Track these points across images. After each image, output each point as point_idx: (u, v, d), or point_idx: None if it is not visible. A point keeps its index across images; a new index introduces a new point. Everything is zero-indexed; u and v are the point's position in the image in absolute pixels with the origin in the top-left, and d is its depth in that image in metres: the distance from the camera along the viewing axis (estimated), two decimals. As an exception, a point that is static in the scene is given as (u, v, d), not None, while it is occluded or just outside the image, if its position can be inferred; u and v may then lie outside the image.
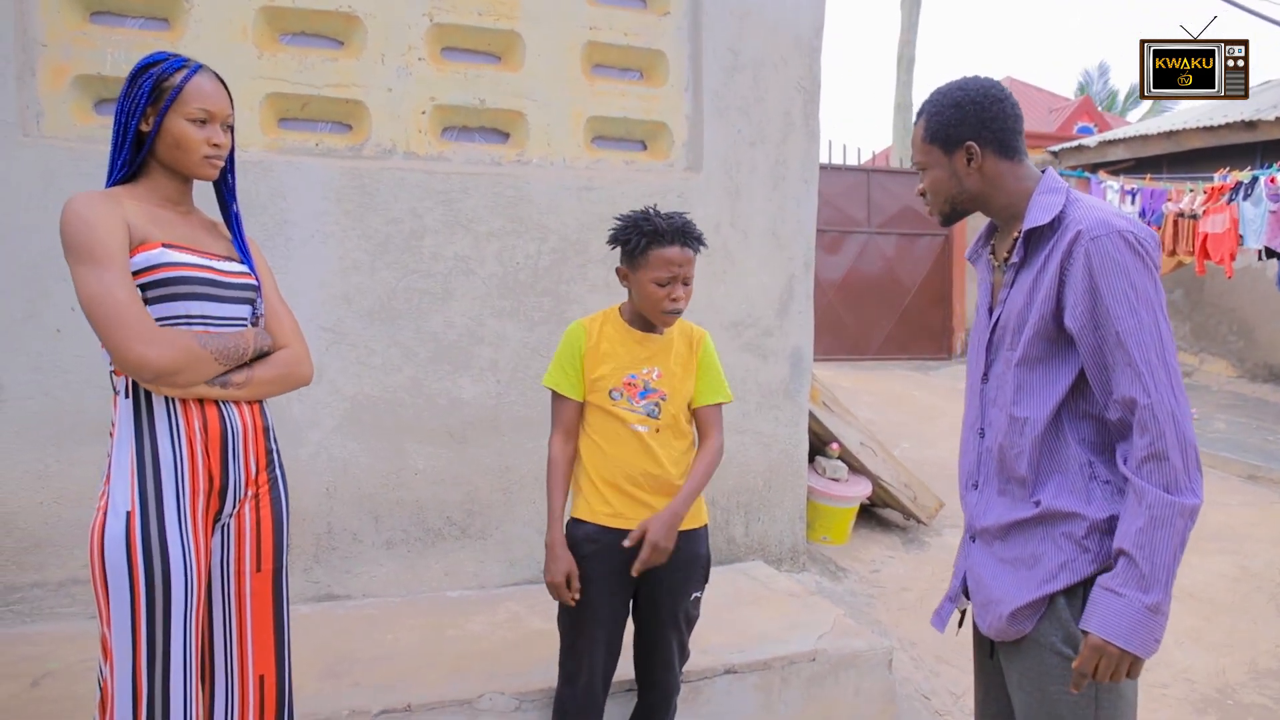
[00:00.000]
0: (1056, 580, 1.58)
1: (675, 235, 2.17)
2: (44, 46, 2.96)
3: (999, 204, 1.71)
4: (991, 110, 1.65)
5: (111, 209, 1.73)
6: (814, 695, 2.84)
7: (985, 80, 1.68)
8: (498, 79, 3.47)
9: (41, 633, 2.85)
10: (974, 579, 1.74)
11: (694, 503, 2.27)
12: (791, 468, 3.91)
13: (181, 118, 1.79)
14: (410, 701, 2.44)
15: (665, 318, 2.22)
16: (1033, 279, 1.62)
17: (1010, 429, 1.65)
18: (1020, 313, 1.64)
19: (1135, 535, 1.46)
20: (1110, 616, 1.47)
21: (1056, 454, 1.61)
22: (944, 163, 1.69)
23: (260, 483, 1.89)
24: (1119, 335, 1.49)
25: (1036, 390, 1.62)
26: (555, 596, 2.22)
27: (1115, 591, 1.47)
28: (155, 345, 1.67)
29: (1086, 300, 1.52)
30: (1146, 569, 1.45)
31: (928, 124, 1.70)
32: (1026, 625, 1.61)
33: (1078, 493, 1.58)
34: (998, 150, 1.67)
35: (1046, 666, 1.59)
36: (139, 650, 1.69)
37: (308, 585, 3.21)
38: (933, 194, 1.74)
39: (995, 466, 1.70)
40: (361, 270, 3.24)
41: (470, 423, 3.39)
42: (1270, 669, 3.47)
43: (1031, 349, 1.61)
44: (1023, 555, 1.64)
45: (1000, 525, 1.68)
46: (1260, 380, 9.72)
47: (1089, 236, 1.52)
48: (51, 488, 2.94)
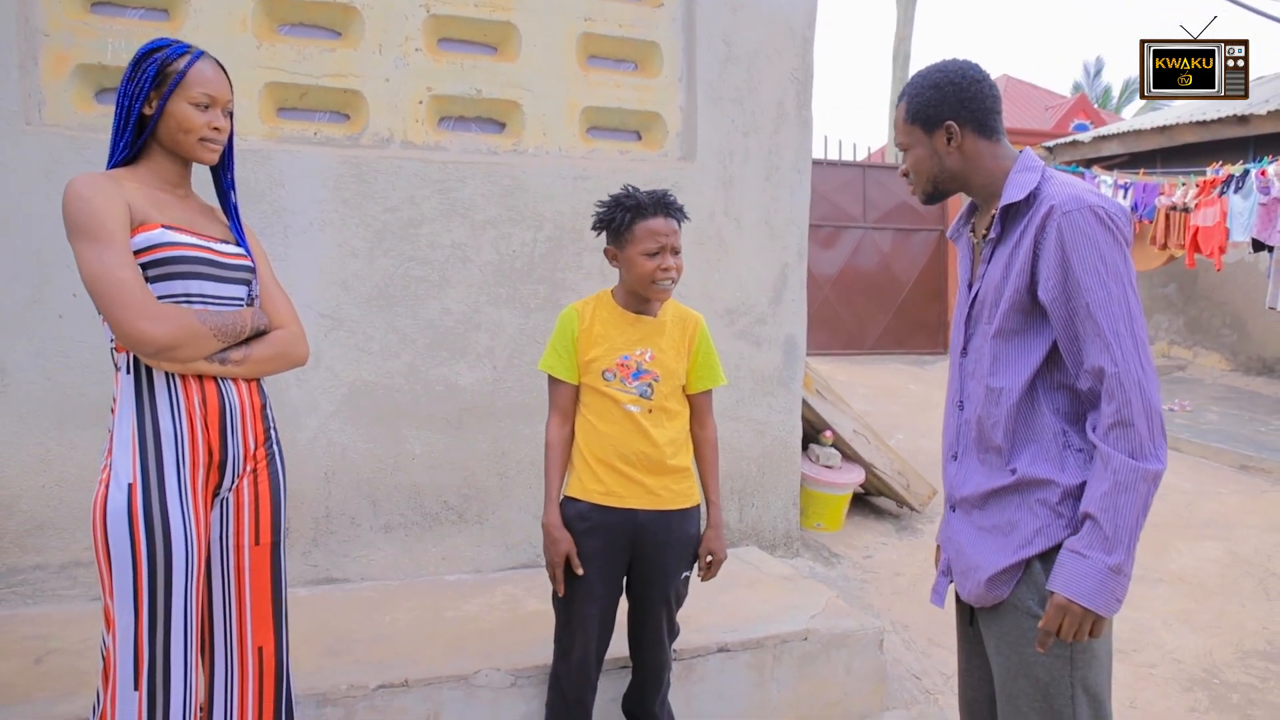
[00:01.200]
0: (1032, 545, 1.62)
1: (657, 206, 2.23)
2: (46, 36, 3.00)
3: (978, 182, 1.75)
4: (970, 90, 1.69)
5: (113, 189, 1.77)
6: (806, 674, 2.88)
7: (964, 62, 1.73)
8: (494, 69, 3.52)
9: (44, 614, 2.88)
10: (954, 548, 1.79)
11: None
12: (785, 454, 3.95)
13: (185, 102, 1.83)
14: (408, 677, 2.48)
15: (659, 290, 2.25)
16: (1008, 254, 1.67)
17: (987, 399, 1.69)
18: (997, 287, 1.68)
19: (1100, 499, 1.51)
20: (1074, 577, 1.52)
21: (1031, 423, 1.66)
22: (925, 142, 1.74)
23: (258, 458, 1.93)
24: (1088, 306, 1.54)
25: (1012, 361, 1.66)
26: (553, 576, 2.27)
27: (1080, 553, 1.52)
28: (156, 321, 1.71)
29: (1058, 273, 1.57)
30: (1110, 531, 1.50)
31: (909, 105, 1.75)
32: (1004, 590, 1.66)
33: (1052, 460, 1.62)
34: (976, 129, 1.71)
35: (1023, 629, 1.63)
36: (140, 619, 1.73)
37: (306, 569, 3.25)
38: (915, 174, 1.79)
39: (974, 437, 1.74)
40: (359, 258, 3.28)
41: (467, 408, 3.43)
42: (1256, 650, 3.52)
43: (1007, 321, 1.65)
44: (999, 522, 1.68)
45: (979, 494, 1.72)
46: (1253, 373, 9.77)
47: (1061, 211, 1.57)
48: (53, 471, 2.98)
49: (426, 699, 2.48)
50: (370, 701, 2.44)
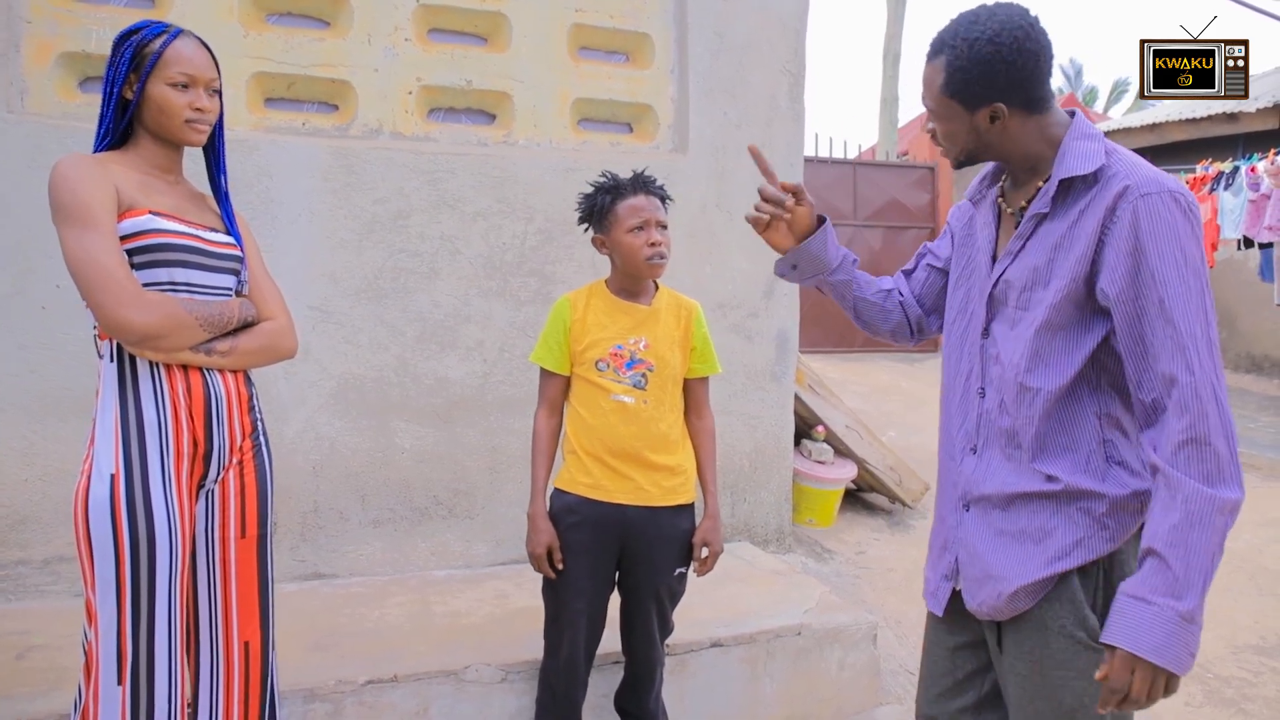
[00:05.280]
0: (1070, 558, 1.44)
1: (636, 184, 2.23)
2: (28, 23, 2.95)
3: (1021, 154, 1.53)
4: (1025, 69, 1.43)
5: (100, 172, 1.73)
6: (799, 668, 2.86)
7: (1020, 25, 1.42)
8: (484, 60, 3.48)
9: (26, 609, 2.84)
10: (967, 551, 1.58)
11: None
12: (777, 449, 3.93)
13: (163, 83, 1.78)
14: (397, 672, 2.45)
15: (651, 267, 2.21)
16: (1061, 234, 1.45)
17: (1020, 398, 1.49)
18: (1037, 269, 1.48)
19: (1168, 534, 1.29)
20: (1141, 628, 1.28)
21: (1070, 429, 1.47)
22: (963, 118, 1.49)
23: (244, 450, 1.90)
24: (1163, 303, 1.34)
25: (1056, 359, 1.46)
26: (536, 568, 2.25)
27: (1144, 599, 1.29)
28: (140, 309, 1.67)
29: (1129, 262, 1.36)
30: (1180, 572, 1.27)
31: (949, 77, 1.47)
32: (1026, 604, 1.48)
33: (1094, 473, 1.45)
34: (1026, 107, 1.47)
35: (1052, 650, 1.45)
36: (123, 612, 1.69)
37: (294, 564, 3.21)
38: (946, 141, 1.55)
39: (998, 429, 1.54)
40: (348, 249, 3.24)
41: (457, 402, 3.40)
42: (1249, 644, 3.52)
43: (1057, 314, 1.45)
44: (1028, 528, 1.48)
45: (1004, 494, 1.52)
46: (1243, 370, 9.81)
47: (1139, 193, 1.36)
48: (36, 464, 2.93)
49: (416, 694, 2.45)
50: (359, 697, 2.40)
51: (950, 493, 1.65)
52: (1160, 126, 9.88)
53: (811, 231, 1.77)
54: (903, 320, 1.85)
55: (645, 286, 2.31)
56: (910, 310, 1.86)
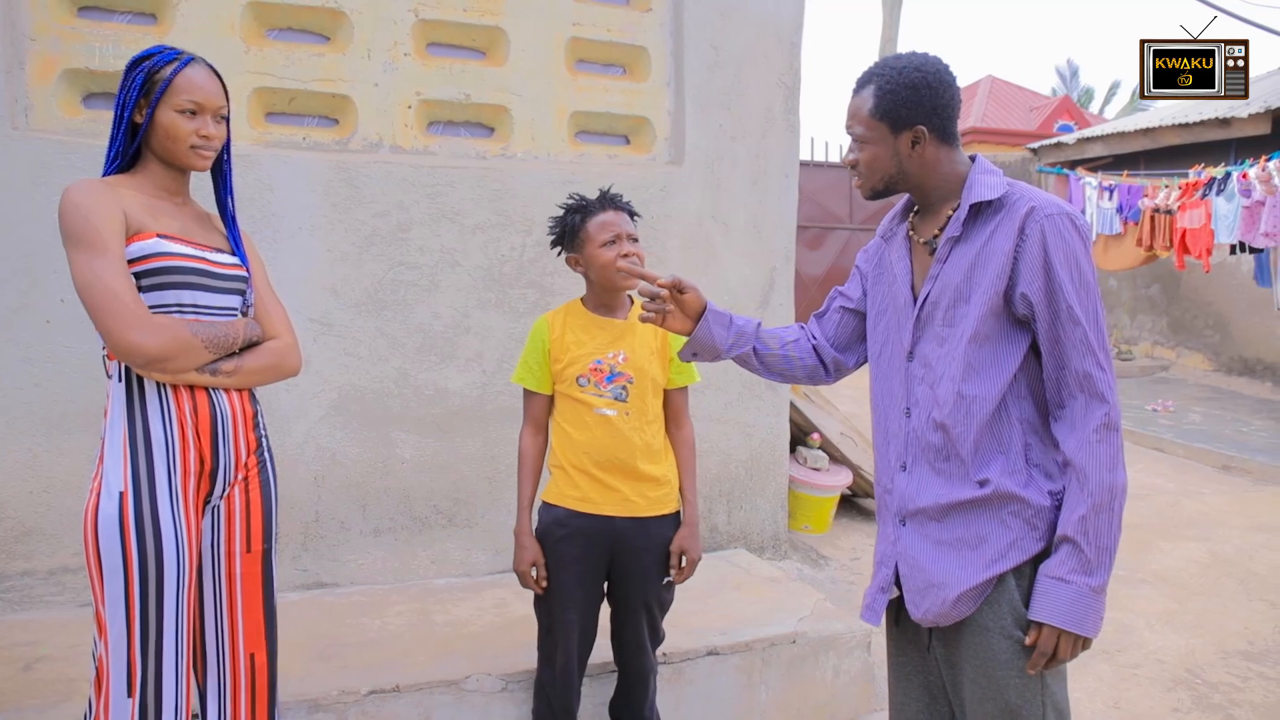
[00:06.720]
0: (1006, 559, 1.58)
1: (604, 202, 2.29)
2: (32, 40, 2.99)
3: (931, 185, 1.69)
4: (944, 96, 1.63)
5: (109, 197, 1.78)
6: (794, 676, 2.91)
7: (936, 60, 1.65)
8: (482, 74, 3.52)
9: (32, 620, 2.87)
10: (908, 564, 1.68)
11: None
12: (773, 457, 3.98)
13: (171, 109, 1.82)
14: (399, 682, 2.49)
15: (623, 279, 2.21)
16: (975, 253, 1.61)
17: (957, 407, 1.62)
18: (958, 287, 1.63)
19: (1078, 523, 1.51)
20: (1061, 604, 1.51)
21: (999, 433, 1.61)
22: (888, 141, 1.65)
23: (249, 466, 1.94)
24: (1071, 310, 1.53)
25: (987, 367, 1.61)
26: (523, 584, 2.32)
27: (1063, 579, 1.51)
28: (147, 332, 1.72)
29: (1042, 275, 1.55)
30: (1092, 554, 1.50)
31: (879, 100, 1.63)
32: (969, 608, 1.60)
33: (1019, 474, 1.60)
34: (941, 136, 1.65)
35: (995, 651, 1.58)
36: (133, 626, 1.73)
37: (296, 573, 3.25)
38: (867, 169, 1.70)
39: (925, 445, 1.67)
40: (349, 262, 3.28)
41: (456, 412, 3.44)
42: (1238, 649, 3.56)
43: (983, 326, 1.60)
44: (965, 536, 1.62)
45: (938, 506, 1.65)
46: (1235, 373, 9.87)
47: (1044, 214, 1.55)
48: (41, 476, 2.97)
49: (418, 704, 2.49)
50: (362, 707, 2.44)
51: (887, 510, 1.77)
52: (1153, 131, 9.94)
53: (704, 310, 1.90)
54: (816, 364, 1.98)
55: (621, 300, 2.35)
56: (824, 352, 1.97)
